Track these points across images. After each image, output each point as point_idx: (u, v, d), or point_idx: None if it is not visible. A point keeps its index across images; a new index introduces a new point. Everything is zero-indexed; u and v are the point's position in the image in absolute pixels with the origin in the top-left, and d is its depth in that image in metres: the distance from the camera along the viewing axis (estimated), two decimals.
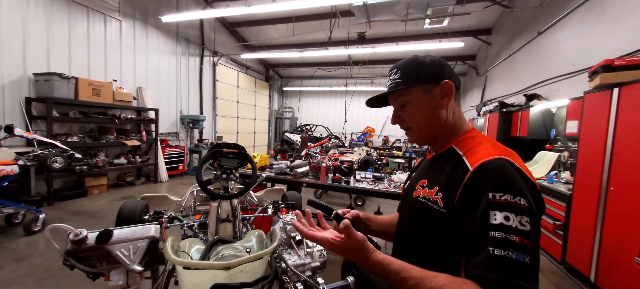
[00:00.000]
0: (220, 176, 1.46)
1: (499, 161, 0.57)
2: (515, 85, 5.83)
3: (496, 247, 0.49)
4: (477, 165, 0.58)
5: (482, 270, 0.50)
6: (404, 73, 0.70)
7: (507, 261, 0.48)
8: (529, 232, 0.49)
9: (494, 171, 0.55)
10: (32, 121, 4.16)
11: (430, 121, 0.71)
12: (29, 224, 3.08)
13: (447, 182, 0.64)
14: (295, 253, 1.09)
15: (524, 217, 0.50)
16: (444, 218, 0.63)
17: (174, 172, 6.71)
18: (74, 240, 0.71)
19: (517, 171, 0.55)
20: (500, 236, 0.50)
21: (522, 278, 0.47)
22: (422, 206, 0.69)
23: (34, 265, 2.48)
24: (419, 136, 0.75)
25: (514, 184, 0.53)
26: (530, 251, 0.48)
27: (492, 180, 0.55)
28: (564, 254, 2.83)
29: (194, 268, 0.80)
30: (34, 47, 4.21)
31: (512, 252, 0.48)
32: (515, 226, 0.49)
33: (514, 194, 0.52)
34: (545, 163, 3.91)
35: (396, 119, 0.76)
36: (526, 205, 0.51)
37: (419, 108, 0.71)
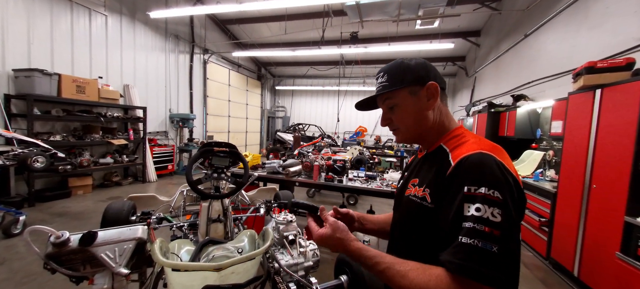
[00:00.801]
0: (211, 176, 1.43)
1: (479, 155, 0.58)
2: (503, 86, 5.98)
3: (465, 236, 0.51)
4: (458, 160, 0.60)
5: (450, 256, 0.52)
6: (390, 76, 0.72)
7: (473, 249, 0.50)
8: (499, 223, 0.50)
9: (473, 165, 0.57)
10: (11, 118, 3.97)
11: (417, 122, 0.73)
12: (8, 227, 2.95)
13: (435, 179, 0.66)
14: (288, 253, 1.08)
15: (495, 209, 0.51)
16: (433, 214, 0.64)
17: (162, 172, 6.56)
18: (55, 243, 0.68)
19: (497, 165, 0.56)
20: (469, 226, 0.52)
21: (486, 266, 0.48)
22: (413, 204, 0.71)
23: (12, 269, 2.37)
24: (407, 136, 0.77)
25: (491, 177, 0.54)
26: (499, 241, 0.49)
27: (470, 174, 0.56)
28: (549, 249, 2.92)
29: (183, 269, 0.77)
30: (13, 41, 4.02)
31: (479, 241, 0.50)
32: (487, 217, 0.51)
33: (489, 187, 0.53)
34: (531, 162, 4.02)
35: (385, 120, 0.79)
36: (500, 198, 0.52)
37: (406, 110, 0.73)
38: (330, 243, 0.71)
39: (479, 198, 0.53)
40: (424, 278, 0.54)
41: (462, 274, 0.50)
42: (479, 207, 0.52)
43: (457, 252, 0.52)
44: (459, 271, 0.50)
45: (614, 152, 2.15)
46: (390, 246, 0.91)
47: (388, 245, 0.93)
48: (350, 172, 3.26)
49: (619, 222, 2.04)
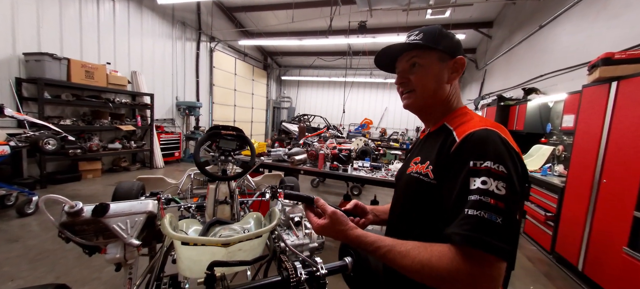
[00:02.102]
0: (218, 158, 1.45)
1: (484, 131, 0.59)
2: (514, 79, 5.84)
3: (471, 208, 0.52)
4: (463, 136, 0.61)
5: (455, 228, 0.53)
6: (426, 35, 0.71)
7: (479, 220, 0.50)
8: (503, 196, 0.51)
9: (478, 140, 0.58)
10: (23, 102, 4.06)
11: (435, 89, 0.73)
12: (22, 206, 3.05)
13: (438, 155, 0.66)
14: (294, 234, 1.09)
15: (500, 182, 0.52)
16: (435, 190, 0.64)
17: (170, 159, 6.65)
18: (69, 212, 0.70)
19: (501, 141, 0.58)
20: (475, 199, 0.52)
21: (491, 236, 0.49)
22: (415, 180, 0.70)
23: (27, 246, 2.46)
24: (420, 101, 0.75)
25: (496, 152, 0.55)
26: (503, 213, 0.50)
27: (475, 150, 0.57)
28: (554, 244, 2.89)
29: (192, 243, 0.79)
30: (23, 25, 4.06)
31: (485, 212, 0.50)
32: (492, 190, 0.52)
33: (494, 161, 0.54)
34: (539, 156, 3.95)
35: (402, 79, 0.77)
36: (505, 172, 0.53)
37: (430, 72, 0.72)
38: (331, 233, 0.72)
39: (484, 172, 0.53)
40: (426, 255, 0.54)
41: (469, 244, 0.50)
42: (485, 180, 0.53)
43: (463, 224, 0.52)
44: (466, 242, 0.50)
45: (628, 146, 2.10)
46: (389, 226, 0.91)
47: (387, 225, 0.93)
48: (355, 162, 3.26)
49: (629, 217, 2.00)
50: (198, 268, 0.86)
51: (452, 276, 0.50)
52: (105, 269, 2.17)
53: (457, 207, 0.55)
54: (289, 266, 0.92)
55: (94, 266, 2.22)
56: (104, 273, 2.14)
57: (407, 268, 0.55)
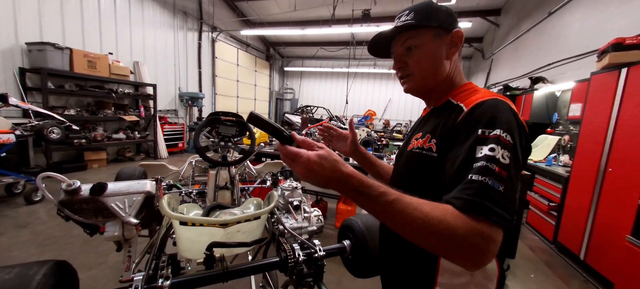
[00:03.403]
0: (218, 144, 1.45)
1: (495, 100, 0.58)
2: (521, 68, 5.72)
3: (476, 174, 0.50)
4: (473, 105, 0.59)
5: (458, 193, 0.51)
6: (417, 14, 0.67)
7: (483, 185, 0.49)
8: (507, 165, 0.50)
9: (489, 108, 0.57)
10: (27, 92, 4.09)
11: (436, 68, 0.69)
12: (29, 194, 3.11)
13: (442, 129, 0.64)
14: (293, 217, 1.10)
15: (506, 152, 0.51)
16: (436, 163, 0.62)
17: (173, 150, 6.71)
18: (67, 190, 0.70)
19: (511, 110, 0.57)
20: (482, 165, 0.51)
21: (493, 203, 0.48)
22: (416, 155, 0.68)
23: (35, 232, 2.52)
24: (420, 83, 0.72)
25: (507, 121, 0.54)
26: (506, 181, 0.49)
27: (485, 117, 0.56)
28: (556, 233, 2.88)
29: (190, 223, 0.79)
30: (25, 14, 4.05)
31: (489, 178, 0.49)
32: (498, 158, 0.51)
33: (503, 130, 0.53)
34: (545, 147, 3.90)
35: (399, 63, 0.73)
36: (511, 142, 0.53)
37: (427, 52, 0.68)
38: (326, 166, 0.52)
39: (493, 139, 0.52)
40: (439, 212, 0.48)
41: (471, 209, 0.47)
42: (493, 147, 0.52)
43: (467, 189, 0.50)
44: (468, 206, 0.48)
45: (636, 133, 2.05)
46: None
47: None
48: None
49: (633, 206, 1.98)
50: (197, 248, 0.87)
51: (457, 234, 0.46)
52: (110, 254, 2.22)
53: (460, 174, 0.53)
54: (287, 248, 0.92)
55: (100, 251, 2.27)
56: (109, 257, 2.18)
57: (417, 222, 0.48)
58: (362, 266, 1.01)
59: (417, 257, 0.67)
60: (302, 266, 0.90)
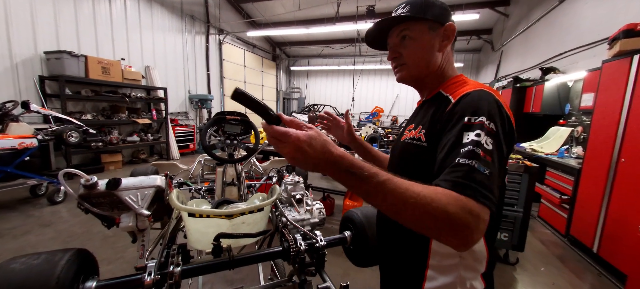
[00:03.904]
0: (224, 142, 1.51)
1: (480, 91, 0.61)
2: (531, 59, 5.57)
3: (463, 157, 0.53)
4: (460, 96, 0.63)
5: (446, 176, 0.53)
6: (412, 7, 0.71)
7: (470, 168, 0.51)
8: (490, 151, 0.53)
9: (474, 98, 0.60)
10: (46, 98, 4.30)
11: (428, 60, 0.73)
12: (52, 195, 3.29)
13: (431, 120, 0.67)
14: (295, 210, 1.14)
15: (489, 138, 0.54)
16: (425, 153, 0.65)
17: (185, 151, 6.89)
18: (85, 185, 0.77)
19: (495, 101, 0.59)
20: (468, 149, 0.53)
21: (479, 185, 0.50)
22: (408, 146, 0.71)
23: (58, 230, 2.67)
24: (413, 73, 0.75)
25: (489, 109, 0.57)
26: (490, 166, 0.52)
27: (470, 107, 0.59)
28: (569, 227, 2.82)
29: (198, 215, 0.85)
30: (42, 25, 4.26)
31: (476, 162, 0.51)
32: (483, 143, 0.53)
33: (487, 117, 0.56)
34: (556, 139, 3.80)
35: (393, 53, 0.76)
36: (494, 130, 0.55)
37: (421, 44, 0.72)
38: (316, 147, 0.51)
39: (478, 126, 0.55)
40: (430, 191, 0.49)
41: (460, 189, 0.49)
42: (478, 132, 0.54)
43: (454, 171, 0.52)
44: (456, 187, 0.49)
45: None
46: None
47: None
48: None
49: None
50: (206, 240, 0.93)
51: (457, 214, 0.46)
52: (127, 250, 2.34)
53: (448, 159, 0.55)
54: (289, 238, 0.97)
55: (118, 246, 2.40)
56: (126, 252, 2.30)
57: (409, 202, 0.48)
58: (363, 255, 1.05)
59: (409, 242, 0.70)
60: (304, 255, 0.94)
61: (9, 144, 2.88)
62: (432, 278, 0.66)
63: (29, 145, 3.04)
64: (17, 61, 4.00)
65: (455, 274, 0.64)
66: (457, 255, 0.64)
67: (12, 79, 3.97)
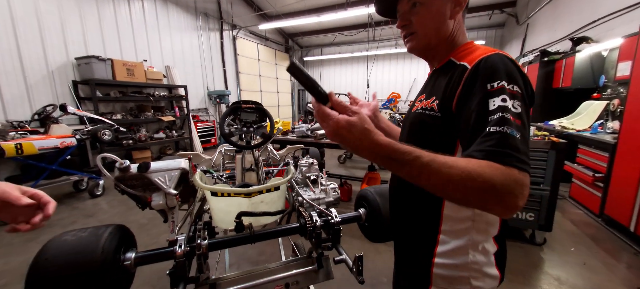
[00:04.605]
0: (241, 130, 1.58)
1: (497, 55, 0.60)
2: (561, 30, 5.15)
3: (494, 125, 0.52)
4: (476, 62, 0.60)
5: (478, 146, 0.52)
6: None
7: (502, 135, 0.50)
8: (519, 114, 0.53)
9: (492, 63, 0.58)
10: (80, 101, 4.65)
11: (438, 27, 0.71)
12: (92, 189, 3.60)
13: (445, 88, 0.65)
14: (311, 190, 1.19)
15: (516, 101, 0.54)
16: (439, 122, 0.64)
17: (207, 145, 7.19)
18: (120, 168, 0.86)
19: (513, 64, 0.59)
20: (498, 116, 0.52)
21: (515, 150, 0.50)
22: (419, 116, 0.70)
23: (100, 220, 2.95)
24: (423, 42, 0.73)
25: (509, 72, 0.56)
26: (521, 129, 0.52)
27: (489, 72, 0.57)
28: (603, 206, 2.66)
29: (219, 194, 0.92)
30: (71, 32, 4.56)
31: (507, 127, 0.51)
32: (510, 107, 0.53)
33: (509, 81, 0.55)
34: (589, 114, 3.55)
35: (403, 21, 0.75)
36: (519, 91, 0.55)
37: (431, 11, 0.70)
38: (355, 133, 0.54)
39: (502, 91, 0.54)
40: (474, 165, 0.49)
41: (498, 158, 0.49)
42: (504, 98, 0.54)
43: (488, 140, 0.51)
44: (494, 157, 0.49)
45: None
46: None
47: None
48: None
49: None
50: (228, 218, 1.00)
51: (503, 185, 0.47)
52: (162, 236, 2.53)
53: (478, 129, 0.54)
54: (306, 216, 1.01)
55: (153, 233, 2.60)
56: (161, 238, 2.49)
57: (455, 179, 0.48)
58: (377, 231, 1.07)
59: (422, 209, 0.71)
60: (320, 231, 0.99)
61: (53, 144, 3.18)
62: (444, 242, 0.67)
63: (69, 144, 3.33)
64: (53, 68, 4.35)
65: (467, 238, 0.65)
66: (470, 219, 0.65)
67: (50, 84, 4.32)
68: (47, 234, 2.61)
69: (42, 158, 3.22)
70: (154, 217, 2.85)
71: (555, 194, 2.23)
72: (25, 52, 4.00)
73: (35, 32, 4.11)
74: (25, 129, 3.53)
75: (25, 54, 4.00)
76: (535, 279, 1.99)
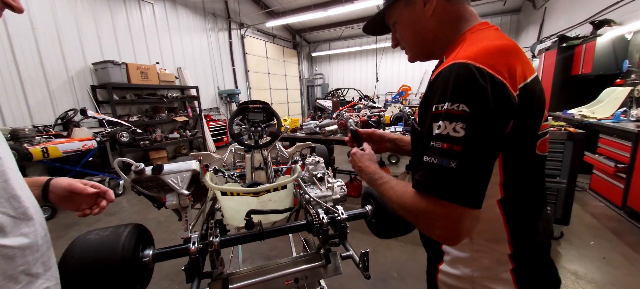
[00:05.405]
0: (249, 130, 1.61)
1: (450, 67, 0.52)
2: (581, 13, 4.90)
3: (427, 155, 0.52)
4: (432, 78, 0.58)
5: (416, 175, 0.54)
6: None
7: (430, 166, 0.51)
8: (461, 138, 0.48)
9: (440, 80, 0.53)
10: (99, 105, 4.86)
11: (417, 35, 0.68)
12: (113, 189, 3.77)
13: (422, 100, 0.64)
14: (318, 188, 1.21)
15: (459, 124, 0.48)
16: (420, 137, 0.62)
17: (219, 144, 7.36)
18: (135, 171, 0.91)
19: (468, 74, 0.49)
20: (431, 146, 0.52)
21: (439, 179, 0.49)
22: (412, 126, 0.71)
23: (121, 218, 3.11)
24: (413, 54, 0.73)
25: (455, 90, 0.49)
26: (459, 156, 0.48)
27: (437, 92, 0.53)
28: (625, 198, 2.54)
29: (229, 193, 0.95)
30: (87, 38, 4.75)
31: (435, 158, 0.50)
32: (446, 133, 0.49)
33: (453, 102, 0.49)
34: (612, 101, 3.38)
35: (393, 40, 0.76)
36: (465, 111, 0.48)
37: (404, 24, 0.69)
38: (361, 160, 0.80)
39: (442, 115, 0.50)
40: (402, 190, 0.58)
41: (421, 189, 0.52)
42: (440, 124, 0.50)
43: (420, 170, 0.53)
44: (416, 187, 0.53)
45: None
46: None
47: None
48: (388, 128, 3.22)
49: None
50: (239, 216, 1.04)
51: (414, 212, 0.54)
52: (178, 232, 2.64)
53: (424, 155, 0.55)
54: (313, 213, 1.04)
55: (171, 229, 2.72)
56: (178, 235, 2.60)
57: (391, 198, 0.61)
58: (384, 227, 1.09)
59: None
60: (327, 227, 1.01)
61: (75, 147, 3.35)
62: (448, 252, 0.68)
63: (90, 146, 3.51)
64: (72, 74, 4.55)
65: (467, 253, 0.63)
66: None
67: (70, 90, 4.54)
68: (74, 230, 2.79)
69: (66, 160, 3.41)
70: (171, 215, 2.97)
71: (572, 186, 2.15)
72: (46, 60, 4.21)
73: (54, 40, 4.32)
74: (50, 133, 3.74)
75: (46, 62, 4.22)
76: None
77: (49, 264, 0.60)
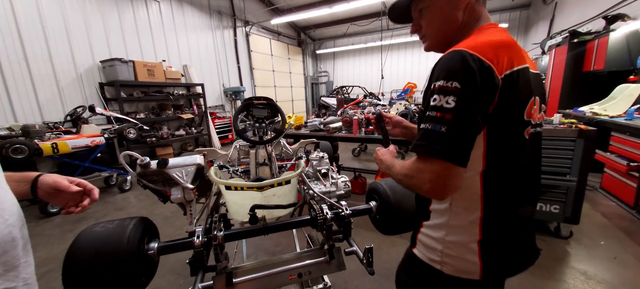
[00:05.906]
0: (253, 125, 1.62)
1: (449, 54, 0.61)
2: (593, 8, 4.76)
3: (423, 123, 0.60)
4: (434, 64, 0.64)
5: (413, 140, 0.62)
6: None
7: (425, 131, 0.59)
8: (451, 108, 0.56)
9: (441, 62, 0.61)
10: (107, 102, 4.93)
11: (445, 25, 0.72)
12: (121, 184, 3.85)
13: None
14: (322, 184, 1.20)
15: (451, 97, 0.56)
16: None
17: (225, 141, 7.41)
18: (141, 164, 0.92)
19: (462, 58, 0.57)
20: (427, 115, 0.60)
21: (431, 141, 0.58)
22: (420, 113, 0.72)
23: (129, 213, 3.15)
24: (434, 43, 0.77)
25: (449, 70, 0.58)
26: (448, 122, 0.56)
27: (436, 71, 0.61)
28: (638, 197, 2.48)
29: (233, 188, 0.96)
30: (95, 36, 4.82)
31: (430, 124, 0.58)
32: (440, 105, 0.58)
33: (447, 80, 0.57)
34: (625, 98, 3.29)
35: (415, 26, 0.78)
36: (457, 87, 0.56)
37: (435, 12, 0.72)
38: (382, 154, 0.85)
39: (437, 90, 0.59)
40: (407, 162, 0.66)
41: (416, 150, 0.60)
42: (435, 97, 0.59)
43: (416, 136, 0.61)
44: (413, 149, 0.61)
45: None
46: None
47: None
48: None
49: None
50: (243, 211, 1.04)
51: (410, 174, 0.63)
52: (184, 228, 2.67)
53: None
54: (317, 208, 1.03)
55: (177, 224, 2.75)
56: (184, 230, 2.62)
57: (399, 174, 0.68)
58: (388, 223, 1.08)
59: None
60: (331, 223, 1.00)
61: (84, 143, 3.41)
62: (432, 216, 0.74)
63: (98, 143, 3.56)
64: (81, 72, 4.63)
65: (446, 217, 0.69)
66: (448, 201, 0.69)
67: (79, 87, 4.62)
68: (82, 224, 2.84)
69: (75, 156, 3.47)
70: (177, 211, 3.01)
71: (583, 185, 2.10)
72: (56, 58, 4.29)
73: (63, 38, 4.39)
74: (60, 129, 3.81)
75: (56, 59, 4.29)
76: (560, 273, 1.91)
77: (13, 263, 0.57)
